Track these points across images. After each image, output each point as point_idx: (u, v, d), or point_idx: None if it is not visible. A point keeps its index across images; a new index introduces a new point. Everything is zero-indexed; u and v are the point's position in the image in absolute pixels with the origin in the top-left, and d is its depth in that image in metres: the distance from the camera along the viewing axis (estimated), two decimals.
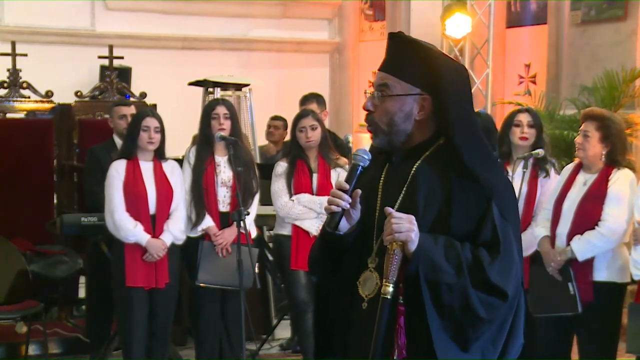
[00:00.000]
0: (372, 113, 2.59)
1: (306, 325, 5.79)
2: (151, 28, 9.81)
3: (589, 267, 4.71)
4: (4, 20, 9.29)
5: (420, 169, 2.55)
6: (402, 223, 2.40)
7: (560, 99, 8.13)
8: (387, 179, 2.62)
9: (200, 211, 5.53)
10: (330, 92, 10.80)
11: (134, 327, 5.36)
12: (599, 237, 4.67)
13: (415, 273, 2.41)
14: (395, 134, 2.57)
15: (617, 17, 7.92)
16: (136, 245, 5.30)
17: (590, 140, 4.73)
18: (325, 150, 5.79)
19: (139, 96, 7.98)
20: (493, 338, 2.47)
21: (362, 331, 2.49)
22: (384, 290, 2.40)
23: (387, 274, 2.40)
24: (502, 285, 2.42)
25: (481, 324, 2.41)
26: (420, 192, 2.51)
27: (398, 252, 2.40)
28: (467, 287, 2.39)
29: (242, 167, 5.42)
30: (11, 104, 7.66)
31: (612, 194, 4.70)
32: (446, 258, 2.41)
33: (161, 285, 5.38)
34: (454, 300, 2.40)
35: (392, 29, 10.07)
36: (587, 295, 4.68)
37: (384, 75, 2.59)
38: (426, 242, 2.42)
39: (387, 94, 2.56)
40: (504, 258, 2.45)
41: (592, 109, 4.94)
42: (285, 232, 5.77)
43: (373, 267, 2.53)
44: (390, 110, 2.56)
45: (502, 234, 2.46)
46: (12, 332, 6.58)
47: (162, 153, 5.47)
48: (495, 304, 2.41)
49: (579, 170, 4.86)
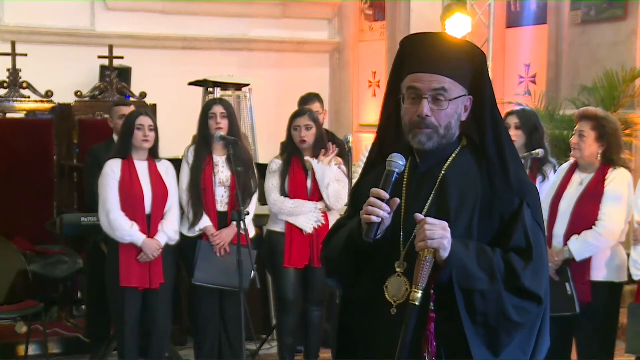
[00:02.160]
0: (429, 117, 2.48)
1: (288, 323, 5.82)
2: (151, 28, 9.80)
3: (586, 267, 4.71)
4: (4, 20, 9.29)
5: (450, 172, 2.50)
6: (435, 230, 2.35)
7: (560, 99, 8.13)
8: (411, 181, 2.55)
9: (198, 211, 5.53)
10: (330, 92, 10.79)
11: (127, 327, 5.37)
12: (596, 237, 4.67)
13: (448, 280, 2.37)
14: (448, 138, 2.52)
15: (617, 17, 7.92)
16: (131, 245, 5.30)
17: (585, 140, 4.73)
18: (319, 151, 5.79)
19: (139, 96, 7.98)
20: (522, 343, 2.45)
21: (391, 337, 2.43)
22: (412, 296, 2.35)
23: (417, 281, 2.35)
24: (536, 290, 2.40)
25: (515, 328, 2.40)
26: (452, 196, 2.47)
27: (430, 258, 2.36)
28: (501, 293, 2.37)
29: (241, 167, 5.42)
30: (11, 104, 7.66)
31: (609, 193, 4.69)
32: (479, 265, 2.37)
33: (155, 286, 5.38)
34: (488, 307, 2.37)
35: (392, 29, 10.18)
36: (585, 296, 4.68)
37: (439, 77, 2.47)
38: (458, 249, 2.37)
39: (447, 98, 2.47)
40: (536, 262, 2.42)
41: (587, 109, 4.93)
42: (279, 229, 5.78)
43: (401, 272, 2.48)
44: (450, 113, 2.48)
45: (533, 238, 2.44)
46: (12, 332, 6.57)
47: (156, 152, 5.47)
48: (529, 308, 2.40)
49: (575, 170, 4.85)
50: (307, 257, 5.74)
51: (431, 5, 9.46)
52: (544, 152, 5.21)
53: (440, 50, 2.50)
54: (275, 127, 5.92)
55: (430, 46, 2.52)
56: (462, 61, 2.50)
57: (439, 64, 2.48)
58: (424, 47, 2.52)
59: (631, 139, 7.59)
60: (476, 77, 2.51)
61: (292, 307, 5.82)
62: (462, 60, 2.50)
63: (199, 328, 5.70)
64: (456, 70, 2.48)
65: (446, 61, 2.48)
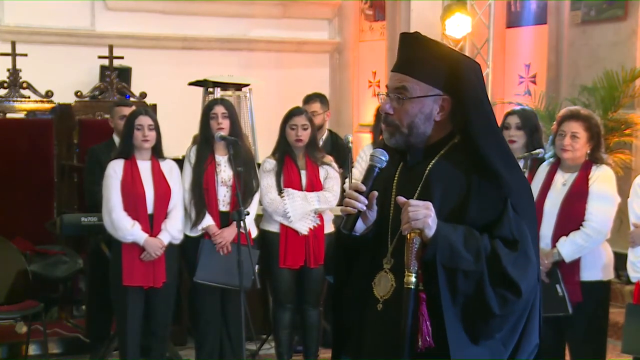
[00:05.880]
0: (391, 115, 2.55)
1: (283, 319, 5.84)
2: (151, 28, 9.81)
3: (575, 268, 4.69)
4: (4, 20, 9.29)
5: (435, 168, 2.53)
6: (419, 210, 2.37)
7: (560, 99, 8.13)
8: (401, 179, 2.60)
9: (201, 210, 5.54)
10: (330, 92, 10.79)
11: (129, 326, 5.38)
12: (584, 238, 4.65)
13: (432, 258, 2.38)
14: (415, 136, 2.55)
15: (617, 17, 7.92)
16: (134, 244, 5.31)
17: (579, 141, 4.71)
18: (312, 150, 5.81)
19: (139, 96, 7.99)
20: (504, 338, 2.45)
21: (377, 332, 2.48)
22: (406, 280, 2.37)
23: (408, 264, 2.37)
24: (517, 279, 2.38)
25: (493, 318, 2.39)
26: (436, 191, 2.49)
27: (417, 240, 2.37)
28: (483, 275, 2.36)
29: (242, 167, 5.43)
30: (11, 104, 7.67)
31: (594, 192, 4.68)
32: (465, 244, 2.38)
33: (159, 285, 5.39)
34: (469, 288, 2.37)
35: (392, 29, 10.17)
36: (576, 296, 4.67)
37: (402, 76, 2.54)
38: (445, 228, 2.39)
39: (406, 96, 2.52)
40: (520, 255, 2.42)
41: (577, 109, 4.88)
42: (273, 228, 5.79)
43: (388, 268, 2.51)
44: (410, 112, 2.53)
45: (518, 233, 2.44)
46: (12, 332, 6.57)
47: (160, 152, 5.48)
48: (508, 298, 2.38)
49: (557, 170, 4.83)
50: (303, 258, 5.74)
51: (431, 5, 9.46)
52: (543, 152, 5.21)
53: (411, 51, 2.56)
54: (275, 127, 5.90)
55: (406, 46, 2.59)
56: (432, 63, 2.53)
57: (405, 64, 2.56)
58: (402, 47, 2.60)
59: (631, 138, 7.59)
60: (452, 79, 2.51)
61: (288, 306, 5.84)
62: (433, 62, 2.53)
63: (199, 328, 5.71)
64: (423, 71, 2.52)
65: (413, 62, 2.54)
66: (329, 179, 5.82)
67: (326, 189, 5.80)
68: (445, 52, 2.56)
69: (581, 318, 4.68)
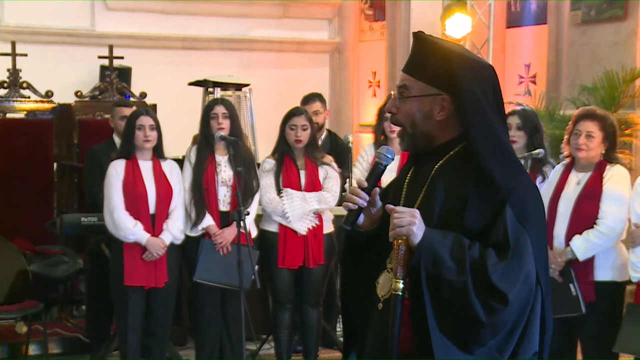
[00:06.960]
0: (394, 114, 2.60)
1: (283, 318, 5.84)
2: (151, 28, 9.81)
3: (589, 267, 4.70)
4: (4, 20, 9.29)
5: (441, 169, 2.53)
6: (403, 217, 2.39)
7: (560, 99, 8.12)
8: (411, 180, 2.62)
9: (201, 210, 5.54)
10: (330, 92, 10.80)
11: (130, 326, 5.38)
12: (598, 236, 4.66)
13: (417, 265, 2.38)
14: (418, 136, 2.56)
15: (617, 17, 7.92)
16: (135, 244, 5.31)
17: (594, 141, 4.71)
18: (311, 150, 5.81)
19: (139, 96, 7.99)
20: (499, 345, 2.41)
21: (377, 332, 2.50)
22: (394, 286, 2.39)
23: (395, 270, 2.40)
24: (503, 288, 2.34)
25: (481, 327, 2.36)
26: (438, 193, 2.49)
27: (402, 247, 2.39)
28: (467, 285, 2.34)
29: (242, 167, 5.43)
30: (11, 104, 7.67)
31: (608, 191, 4.69)
32: (451, 253, 2.37)
33: (160, 285, 5.39)
34: (454, 297, 2.35)
35: (392, 29, 10.18)
36: (589, 296, 4.67)
37: (404, 76, 2.58)
38: (432, 236, 2.39)
39: (406, 95, 2.56)
40: (512, 263, 2.38)
41: (593, 109, 4.89)
42: (272, 228, 5.78)
43: (390, 268, 2.51)
44: (409, 111, 2.55)
45: (513, 239, 2.40)
46: (12, 332, 6.58)
47: (161, 151, 5.48)
48: (496, 307, 2.35)
49: (571, 170, 4.84)
50: (301, 258, 5.74)
51: (431, 5, 9.47)
52: (544, 152, 5.21)
53: (415, 50, 2.60)
54: (275, 127, 5.91)
55: (413, 46, 2.62)
56: (434, 63, 2.53)
57: (408, 64, 2.60)
58: (412, 48, 2.62)
59: (631, 138, 7.59)
60: (454, 79, 2.49)
61: (288, 306, 5.84)
62: (435, 62, 2.53)
63: (200, 328, 5.70)
64: (423, 71, 2.54)
65: (415, 62, 2.58)
66: (329, 179, 5.82)
67: (325, 189, 5.80)
68: (445, 52, 2.54)
69: (594, 318, 4.68)
